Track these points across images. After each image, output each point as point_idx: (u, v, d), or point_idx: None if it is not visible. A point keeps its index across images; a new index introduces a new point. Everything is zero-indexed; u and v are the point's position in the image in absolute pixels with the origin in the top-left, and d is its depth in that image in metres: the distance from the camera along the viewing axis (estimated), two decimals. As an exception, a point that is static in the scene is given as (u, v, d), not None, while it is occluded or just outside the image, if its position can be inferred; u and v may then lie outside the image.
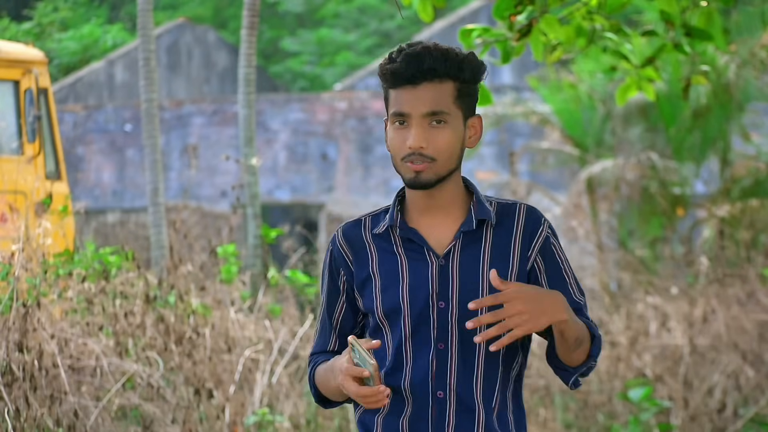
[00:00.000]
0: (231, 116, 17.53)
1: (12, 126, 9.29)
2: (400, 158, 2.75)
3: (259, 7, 9.11)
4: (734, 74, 11.26)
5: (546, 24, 4.51)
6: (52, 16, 25.70)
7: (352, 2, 28.53)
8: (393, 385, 2.79)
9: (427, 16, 4.64)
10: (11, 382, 5.32)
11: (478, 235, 2.79)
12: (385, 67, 2.76)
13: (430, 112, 2.72)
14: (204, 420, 6.11)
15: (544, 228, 2.82)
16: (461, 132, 2.77)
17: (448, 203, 2.80)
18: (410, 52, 2.73)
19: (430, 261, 2.78)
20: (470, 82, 2.77)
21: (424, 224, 2.80)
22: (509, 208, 2.82)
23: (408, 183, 2.75)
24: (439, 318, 2.76)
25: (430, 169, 2.73)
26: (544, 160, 13.19)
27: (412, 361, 2.77)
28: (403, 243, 2.80)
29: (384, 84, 2.77)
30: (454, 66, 2.74)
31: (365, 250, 2.83)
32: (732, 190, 11.61)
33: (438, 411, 2.76)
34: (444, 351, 2.76)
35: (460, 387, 2.76)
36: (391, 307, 2.78)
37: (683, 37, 4.82)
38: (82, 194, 17.58)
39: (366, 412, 2.84)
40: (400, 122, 2.75)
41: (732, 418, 8.10)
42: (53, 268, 6.17)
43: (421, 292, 2.76)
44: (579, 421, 8.27)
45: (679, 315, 8.64)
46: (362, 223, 2.86)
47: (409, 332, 2.77)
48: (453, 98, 2.74)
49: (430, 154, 2.72)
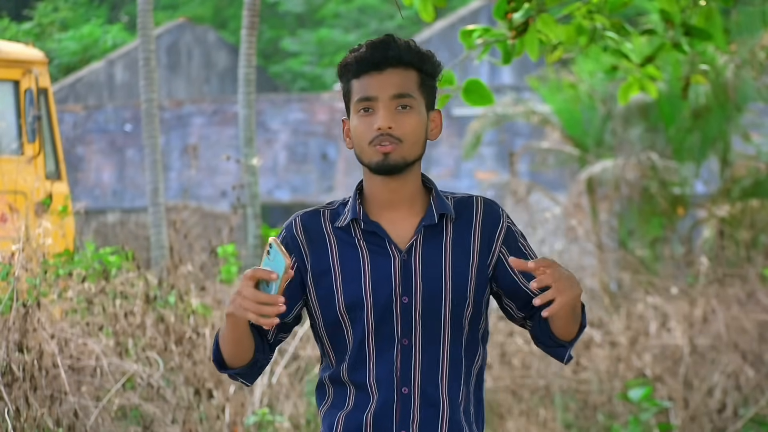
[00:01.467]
0: (231, 116, 17.53)
1: (12, 126, 9.29)
2: (368, 143, 2.75)
3: (259, 7, 9.11)
4: (732, 74, 11.26)
5: (543, 23, 4.51)
6: (52, 16, 25.70)
7: (352, 2, 28.53)
8: (357, 381, 2.78)
9: (428, 16, 4.64)
10: (11, 382, 5.32)
11: (438, 230, 2.80)
12: (348, 57, 2.78)
13: (398, 94, 2.75)
14: (204, 420, 6.11)
15: (504, 219, 2.84)
16: (425, 120, 2.79)
17: (408, 197, 2.80)
18: (374, 41, 2.78)
19: (392, 255, 2.77)
20: (431, 75, 2.80)
21: (386, 218, 2.80)
22: (467, 202, 2.84)
23: (376, 167, 2.75)
24: (403, 313, 2.76)
25: (398, 151, 2.74)
26: (544, 160, 13.19)
27: (375, 356, 2.76)
28: (365, 236, 2.79)
29: (346, 78, 2.79)
30: (417, 56, 2.78)
31: (325, 242, 2.81)
32: (732, 190, 11.61)
33: (402, 407, 2.76)
34: (408, 347, 2.76)
35: (425, 382, 2.76)
36: (353, 302, 2.76)
37: (682, 37, 4.82)
38: (82, 194, 17.58)
39: (329, 409, 2.82)
40: (365, 109, 2.76)
41: (732, 418, 8.10)
42: (53, 268, 6.17)
43: (384, 286, 2.76)
44: (579, 421, 8.27)
45: (679, 315, 8.64)
46: (321, 214, 2.84)
47: (372, 327, 2.76)
48: (417, 85, 2.77)
49: (398, 135, 2.73)
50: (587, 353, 8.51)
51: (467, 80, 4.56)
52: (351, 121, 2.80)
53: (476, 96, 4.54)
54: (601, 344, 8.59)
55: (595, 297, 9.95)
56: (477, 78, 4.58)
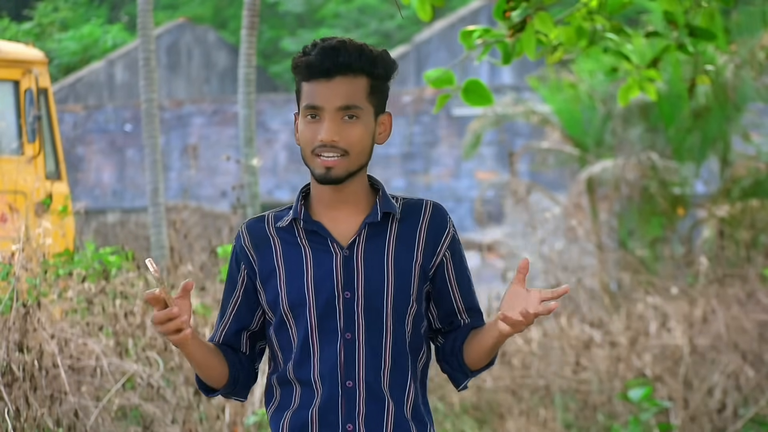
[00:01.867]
0: (231, 116, 17.53)
1: (12, 126, 9.29)
2: (311, 151, 2.75)
3: (259, 7, 9.11)
4: (732, 74, 11.26)
5: (540, 21, 4.51)
6: (52, 16, 25.70)
7: (352, 2, 28.52)
8: (302, 377, 2.79)
9: (426, 15, 4.64)
10: (11, 382, 5.32)
11: (383, 227, 2.81)
12: (299, 59, 2.77)
13: (344, 106, 2.74)
14: (204, 420, 6.11)
15: (450, 227, 2.87)
16: (372, 128, 2.79)
17: (353, 198, 2.82)
18: (325, 45, 2.75)
19: (334, 252, 2.79)
20: (383, 78, 2.79)
21: (329, 217, 2.82)
22: (416, 204, 2.86)
23: (318, 178, 2.76)
24: (346, 308, 2.77)
25: (341, 165, 2.75)
26: (544, 160, 13.19)
27: (319, 352, 2.78)
28: (307, 236, 2.81)
29: (297, 77, 2.78)
30: (368, 62, 2.76)
31: (269, 243, 2.83)
32: (732, 190, 11.61)
33: (347, 400, 2.77)
34: (351, 341, 2.77)
35: (369, 376, 2.77)
36: (296, 300, 2.79)
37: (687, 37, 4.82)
38: (82, 194, 17.58)
39: (276, 410, 2.84)
40: (312, 116, 2.76)
41: (732, 418, 8.10)
42: (53, 268, 6.17)
43: (326, 283, 2.78)
44: (579, 421, 8.26)
45: (679, 315, 8.64)
46: (265, 218, 2.86)
47: (315, 323, 2.78)
48: (366, 93, 2.76)
49: (342, 146, 2.74)
50: (587, 353, 8.51)
51: (467, 80, 4.57)
52: (299, 123, 2.80)
53: (476, 96, 4.54)
54: (601, 344, 8.59)
55: (595, 297, 9.95)
56: (477, 78, 4.59)
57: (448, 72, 4.60)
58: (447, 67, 4.64)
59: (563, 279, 10.01)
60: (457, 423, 8.05)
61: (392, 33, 28.07)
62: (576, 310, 9.39)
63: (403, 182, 16.74)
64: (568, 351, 8.51)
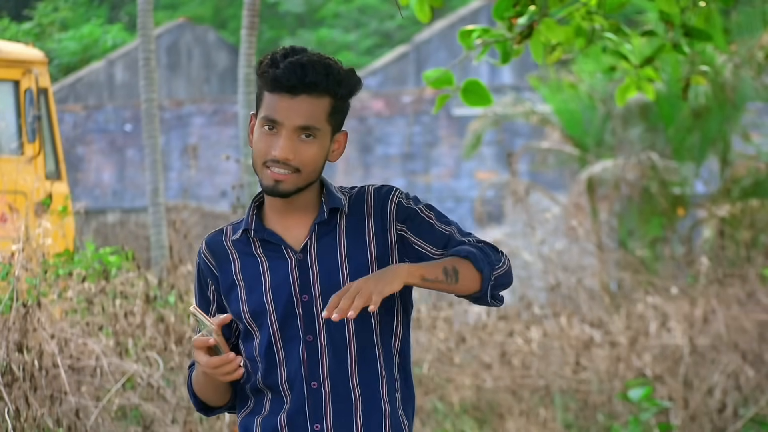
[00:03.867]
0: (231, 116, 17.54)
1: (12, 126, 9.29)
2: (262, 162, 2.76)
3: (259, 7, 9.11)
4: (732, 74, 11.26)
5: (546, 27, 4.51)
6: (52, 16, 25.70)
7: (352, 2, 28.52)
8: (270, 384, 2.81)
9: (425, 16, 4.64)
10: (11, 382, 5.32)
11: (332, 225, 2.82)
12: (266, 69, 2.75)
13: (303, 126, 2.74)
14: (204, 420, 6.11)
15: (394, 196, 2.84)
16: (327, 147, 2.79)
17: (304, 205, 2.83)
18: (294, 61, 2.73)
19: (288, 258, 2.80)
20: (345, 98, 2.79)
21: (281, 224, 2.83)
22: (360, 194, 2.85)
23: (266, 190, 2.77)
24: (305, 311, 2.79)
25: (291, 181, 2.75)
26: (544, 160, 13.19)
27: (284, 357, 2.80)
28: (262, 245, 2.83)
29: (260, 81, 2.77)
30: (334, 82, 2.75)
31: (227, 257, 2.85)
32: (732, 190, 11.61)
33: (313, 401, 2.79)
34: (313, 342, 2.79)
35: (334, 375, 2.79)
36: (256, 309, 2.80)
37: (682, 38, 4.82)
38: (82, 194, 17.58)
39: (247, 415, 2.86)
40: (269, 127, 2.75)
41: (732, 418, 8.10)
42: (53, 268, 6.17)
43: (283, 289, 2.79)
44: (579, 421, 8.27)
45: (679, 315, 8.64)
46: (224, 232, 2.88)
47: (277, 330, 2.79)
48: (327, 114, 2.76)
49: (294, 164, 2.74)
50: (587, 353, 8.51)
51: (466, 80, 4.57)
52: (255, 130, 2.80)
53: (475, 96, 4.54)
54: (601, 344, 8.60)
55: (595, 297, 9.95)
56: (476, 78, 4.59)
57: (447, 72, 4.60)
58: (446, 68, 4.64)
59: (563, 279, 10.01)
60: (457, 423, 8.05)
61: (392, 33, 28.07)
62: (576, 310, 9.39)
63: (403, 182, 16.74)
64: (568, 351, 8.51)
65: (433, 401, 8.09)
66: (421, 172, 16.85)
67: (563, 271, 10.27)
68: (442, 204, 16.43)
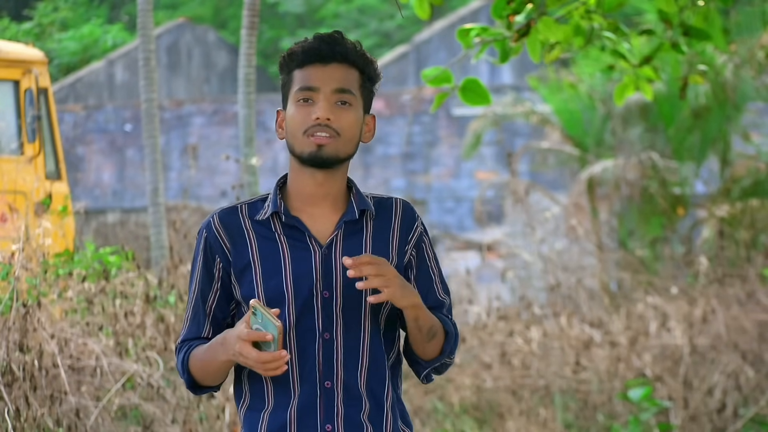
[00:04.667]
0: (231, 116, 17.54)
1: (12, 126, 9.29)
2: (303, 131, 2.76)
3: (259, 7, 9.11)
4: (732, 74, 11.26)
5: (544, 25, 4.51)
6: (52, 16, 25.69)
7: (352, 2, 28.53)
8: (278, 376, 2.77)
9: (424, 14, 4.64)
10: (11, 382, 5.32)
11: (359, 226, 2.82)
12: (295, 47, 2.80)
13: (340, 88, 2.77)
14: (204, 420, 6.11)
15: (419, 224, 2.88)
16: (361, 119, 2.82)
17: (332, 193, 2.82)
18: (323, 35, 2.80)
19: (312, 249, 2.79)
20: (371, 79, 2.83)
21: (307, 213, 2.82)
22: (386, 202, 2.87)
23: (308, 157, 2.77)
24: (324, 307, 2.77)
25: (333, 145, 2.76)
26: (544, 160, 13.19)
27: (297, 351, 2.77)
28: (285, 231, 2.80)
29: (288, 68, 2.80)
30: (361, 58, 2.81)
31: (244, 237, 2.81)
32: (732, 190, 11.61)
33: (326, 401, 2.77)
34: (330, 341, 2.77)
35: (347, 376, 2.78)
36: (274, 296, 2.77)
37: (681, 37, 4.82)
38: (82, 194, 17.58)
39: (249, 411, 2.83)
40: (305, 99, 2.77)
41: (732, 418, 8.10)
42: (53, 268, 6.18)
43: (305, 281, 2.77)
44: (579, 421, 8.27)
45: (679, 315, 8.64)
46: (239, 210, 2.85)
47: (294, 321, 2.77)
48: (358, 85, 2.80)
49: (335, 127, 2.76)
50: (587, 353, 8.51)
51: (465, 79, 4.57)
52: (288, 110, 2.81)
53: (474, 95, 4.54)
54: (601, 344, 8.60)
55: (595, 297, 9.95)
56: (476, 77, 4.59)
57: (445, 71, 4.60)
58: (445, 67, 4.64)
59: (563, 279, 10.01)
60: (457, 423, 8.05)
61: (392, 33, 28.06)
62: (576, 310, 9.39)
63: (403, 182, 16.74)
64: (568, 351, 8.51)
65: (433, 401, 8.09)
66: (421, 172, 16.85)
67: (563, 271, 10.27)
68: (442, 204, 16.43)
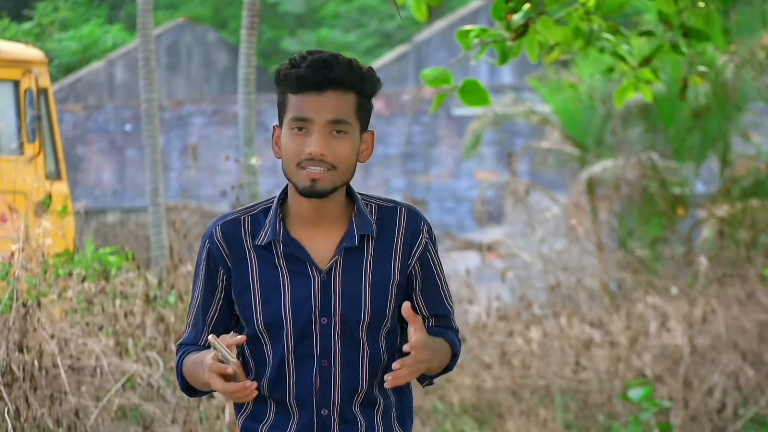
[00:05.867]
0: (231, 116, 17.54)
1: (12, 126, 9.29)
2: (296, 164, 2.72)
3: (259, 7, 9.11)
4: (732, 74, 11.26)
5: (542, 25, 4.51)
6: (52, 16, 25.70)
7: (352, 2, 28.52)
8: (277, 398, 2.79)
9: (422, 15, 4.64)
10: (11, 382, 5.32)
11: (359, 249, 2.78)
12: (287, 71, 2.74)
13: (335, 120, 2.71)
14: (204, 420, 6.11)
15: (423, 234, 2.83)
16: (358, 144, 2.77)
17: (333, 212, 2.79)
18: (317, 58, 2.72)
19: (312, 276, 2.76)
20: (368, 96, 2.77)
21: (307, 236, 2.78)
22: (390, 214, 2.82)
23: (303, 191, 2.72)
24: (322, 334, 2.76)
25: (328, 178, 2.72)
26: (544, 160, 13.19)
27: (295, 375, 2.77)
28: (285, 255, 2.78)
29: (283, 89, 2.76)
30: (358, 78, 2.74)
31: (245, 257, 2.79)
32: (732, 190, 11.61)
33: (322, 427, 2.77)
34: (327, 368, 2.76)
35: (344, 401, 2.77)
36: (273, 322, 2.76)
37: (680, 38, 4.82)
38: (82, 194, 17.58)
39: (249, 419, 2.83)
40: (299, 128, 2.72)
41: (732, 418, 8.10)
42: (53, 268, 6.18)
43: (304, 307, 2.75)
44: (579, 421, 8.27)
45: (679, 315, 8.64)
46: (242, 224, 2.82)
47: (292, 347, 2.76)
48: (354, 110, 2.74)
49: (330, 161, 2.71)
50: (587, 353, 8.51)
51: (464, 80, 4.57)
52: (282, 136, 2.77)
53: (473, 96, 4.54)
54: (601, 344, 8.60)
55: (595, 297, 9.95)
56: (476, 78, 4.59)
57: (444, 71, 4.60)
58: (444, 67, 4.64)
59: (563, 279, 10.01)
60: (457, 423, 8.05)
61: (392, 33, 28.06)
62: (576, 310, 9.39)
63: (403, 182, 16.74)
64: (568, 351, 8.51)
65: (433, 401, 8.09)
66: (421, 172, 16.85)
67: (563, 271, 10.27)
68: (442, 204, 16.43)
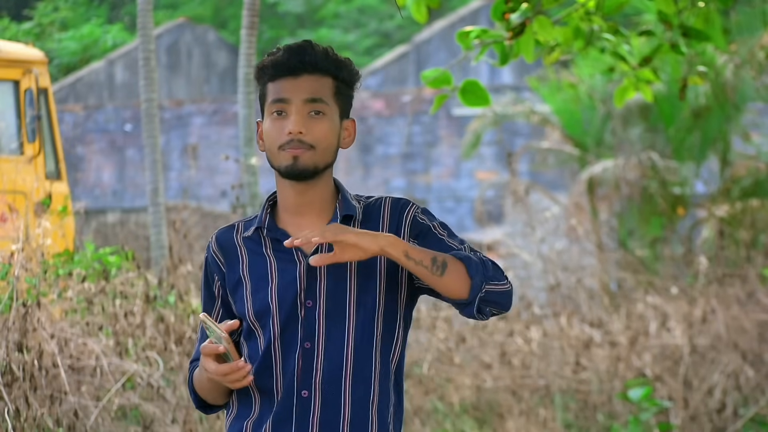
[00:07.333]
0: (231, 116, 17.54)
1: (12, 126, 9.30)
2: (278, 146, 2.77)
3: (259, 7, 9.11)
4: (732, 74, 11.26)
5: (539, 25, 4.51)
6: (52, 16, 25.70)
7: (352, 2, 28.52)
8: (263, 386, 2.79)
9: (421, 17, 4.65)
10: (11, 382, 5.32)
11: None
12: (265, 60, 2.80)
13: (311, 98, 2.76)
14: (204, 420, 6.12)
15: (410, 210, 2.83)
16: (338, 127, 2.81)
17: (317, 203, 2.82)
18: (292, 46, 2.80)
19: (297, 261, 2.78)
20: (347, 83, 2.82)
21: (293, 224, 2.81)
22: (374, 204, 2.85)
23: (285, 170, 2.76)
24: (307, 317, 2.77)
25: (308, 156, 2.75)
26: (544, 160, 13.19)
27: (281, 361, 2.78)
28: (272, 244, 2.81)
29: (262, 80, 2.81)
30: (333, 64, 2.80)
31: (236, 253, 2.84)
32: (732, 190, 11.61)
33: (301, 410, 2.76)
34: (310, 350, 2.76)
35: (327, 385, 2.76)
36: (261, 309, 2.79)
37: (680, 38, 4.82)
38: (82, 194, 17.58)
39: (236, 419, 2.83)
40: (278, 112, 2.77)
41: (732, 418, 8.10)
42: (53, 268, 6.18)
43: (289, 292, 2.77)
44: (579, 421, 8.27)
45: (679, 315, 8.64)
46: (235, 228, 2.88)
47: (278, 332, 2.77)
48: (332, 92, 2.79)
49: (309, 141, 2.75)
50: (587, 353, 8.51)
51: (464, 81, 4.57)
52: (264, 124, 2.81)
53: (473, 96, 4.54)
54: (601, 344, 8.60)
55: (595, 297, 9.95)
56: (476, 79, 4.59)
57: (445, 72, 4.61)
58: (445, 68, 4.65)
59: (563, 279, 10.01)
60: (457, 423, 8.05)
61: (392, 33, 28.07)
62: (576, 310, 9.40)
63: (403, 182, 16.74)
64: (568, 351, 8.51)
65: (433, 401, 8.09)
66: (421, 172, 16.85)
67: (563, 271, 10.27)
68: (442, 204, 16.43)
